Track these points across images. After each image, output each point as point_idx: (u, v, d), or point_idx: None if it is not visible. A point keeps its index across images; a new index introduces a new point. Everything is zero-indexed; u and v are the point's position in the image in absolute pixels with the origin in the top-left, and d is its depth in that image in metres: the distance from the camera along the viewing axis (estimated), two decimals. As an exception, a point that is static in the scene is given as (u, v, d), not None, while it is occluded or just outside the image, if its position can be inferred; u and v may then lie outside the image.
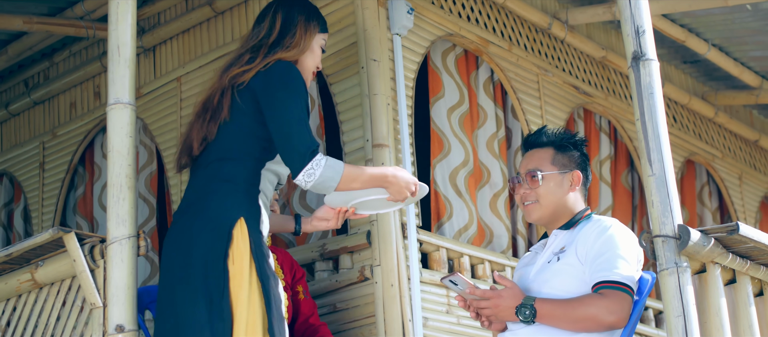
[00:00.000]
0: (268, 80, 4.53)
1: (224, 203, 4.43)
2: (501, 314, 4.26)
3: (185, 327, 4.31)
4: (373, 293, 5.39)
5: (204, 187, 4.53)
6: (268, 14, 4.78)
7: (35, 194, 7.33)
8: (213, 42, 6.44)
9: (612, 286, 4.14)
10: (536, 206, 4.47)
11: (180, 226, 4.50)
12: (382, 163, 5.44)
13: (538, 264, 4.42)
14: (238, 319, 4.30)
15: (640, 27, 4.28)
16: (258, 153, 4.53)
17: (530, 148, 4.60)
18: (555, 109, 6.81)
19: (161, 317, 4.44)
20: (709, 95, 8.44)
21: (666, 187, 4.06)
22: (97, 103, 7.04)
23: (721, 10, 7.17)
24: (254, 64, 4.59)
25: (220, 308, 4.30)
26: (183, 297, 4.35)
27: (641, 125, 4.16)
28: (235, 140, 4.54)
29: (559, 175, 4.47)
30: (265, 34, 4.71)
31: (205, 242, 4.35)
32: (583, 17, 6.98)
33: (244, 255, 4.35)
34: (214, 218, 4.40)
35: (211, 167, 4.54)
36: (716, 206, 8.56)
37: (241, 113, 4.55)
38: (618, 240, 4.21)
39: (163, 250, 4.54)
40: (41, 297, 4.62)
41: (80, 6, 6.56)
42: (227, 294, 4.31)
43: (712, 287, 4.14)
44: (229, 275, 4.33)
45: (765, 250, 4.26)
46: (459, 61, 6.32)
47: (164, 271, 4.49)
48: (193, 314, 4.30)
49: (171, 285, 4.42)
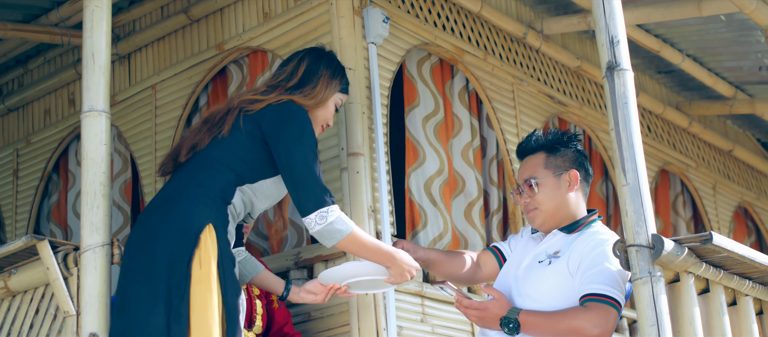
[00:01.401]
0: (279, 117, 4.64)
1: (194, 207, 4.44)
2: (486, 324, 4.28)
3: (140, 326, 4.29)
4: (347, 302, 5.39)
5: (175, 189, 4.55)
6: (293, 59, 4.93)
7: (9, 201, 7.29)
8: (188, 50, 6.42)
9: (599, 299, 4.15)
10: (537, 212, 4.49)
11: (145, 225, 4.51)
12: (356, 173, 5.44)
13: (528, 259, 4.41)
14: (194, 324, 4.30)
15: (614, 37, 4.29)
16: (239, 171, 4.61)
17: (524, 155, 4.61)
18: (530, 118, 6.83)
19: (114, 317, 4.41)
20: (684, 105, 8.48)
21: (640, 196, 4.07)
22: (71, 111, 7.02)
23: (696, 20, 7.20)
24: (268, 97, 4.72)
25: (178, 310, 4.30)
26: (140, 296, 4.33)
27: (615, 135, 4.18)
28: (221, 153, 4.61)
29: (554, 178, 4.48)
30: (284, 78, 4.87)
31: (171, 242, 4.36)
32: (558, 27, 7.00)
33: (210, 260, 4.37)
34: (182, 220, 4.41)
35: (188, 173, 4.57)
36: (690, 216, 8.59)
37: (239, 134, 4.64)
38: (609, 253, 4.22)
39: (125, 247, 4.53)
40: (14, 305, 4.60)
41: (55, 13, 6.54)
42: (187, 297, 4.32)
43: (685, 296, 4.16)
44: (192, 278, 4.34)
45: (738, 259, 4.27)
46: (434, 70, 6.32)
47: (124, 269, 4.47)
48: (150, 315, 4.29)
49: (128, 283, 4.41)
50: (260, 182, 4.66)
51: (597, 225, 4.44)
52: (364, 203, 5.41)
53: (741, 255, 4.24)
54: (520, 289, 4.35)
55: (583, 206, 4.53)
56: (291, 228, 5.89)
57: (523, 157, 4.62)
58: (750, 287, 4.48)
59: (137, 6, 6.68)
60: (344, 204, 5.43)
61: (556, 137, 4.58)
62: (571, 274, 4.26)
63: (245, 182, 4.61)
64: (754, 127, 9.41)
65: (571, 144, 4.58)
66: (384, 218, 5.49)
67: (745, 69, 8.08)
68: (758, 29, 7.22)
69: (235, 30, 6.18)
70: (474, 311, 4.27)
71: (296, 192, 4.57)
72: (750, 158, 9.28)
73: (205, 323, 4.30)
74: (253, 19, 6.11)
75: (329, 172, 5.54)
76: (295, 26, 5.85)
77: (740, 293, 4.49)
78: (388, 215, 5.55)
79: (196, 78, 6.27)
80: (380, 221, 5.48)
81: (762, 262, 4.37)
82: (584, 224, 4.45)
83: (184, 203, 4.46)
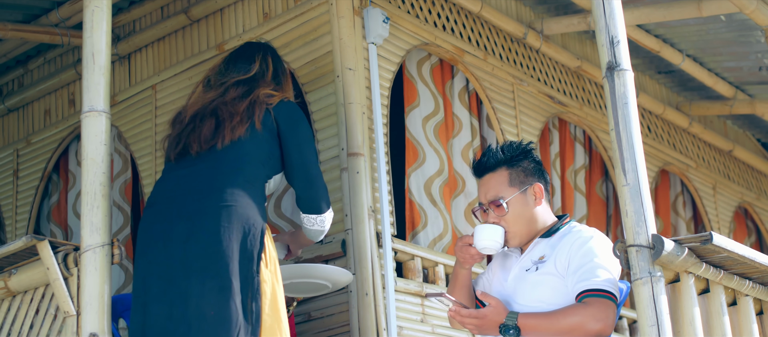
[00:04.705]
0: (291, 115, 4.86)
1: (253, 206, 4.57)
2: (485, 331, 4.26)
3: (209, 320, 4.32)
4: (347, 302, 5.39)
5: (219, 182, 4.58)
6: (255, 54, 5.06)
7: (9, 201, 7.29)
8: (188, 50, 6.42)
9: (595, 294, 4.14)
10: (510, 235, 4.43)
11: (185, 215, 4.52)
12: (356, 173, 5.45)
13: (515, 270, 4.40)
14: (266, 323, 4.44)
15: (614, 37, 4.29)
16: (267, 167, 4.77)
17: (483, 173, 4.49)
18: (530, 118, 6.83)
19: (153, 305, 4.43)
20: (684, 105, 8.48)
21: (640, 197, 4.07)
22: (71, 111, 7.01)
23: (696, 20, 7.20)
24: (278, 93, 4.92)
25: (251, 309, 4.42)
26: (208, 289, 4.37)
27: (616, 135, 4.17)
28: (254, 148, 4.74)
29: (520, 195, 4.41)
30: (257, 73, 4.92)
31: (239, 240, 4.46)
32: (558, 27, 7.00)
33: (274, 261, 4.58)
34: (247, 218, 4.52)
35: (229, 165, 4.64)
36: (690, 216, 8.59)
37: (264, 128, 4.78)
38: (597, 250, 4.21)
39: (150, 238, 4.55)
40: (14, 305, 4.60)
41: (55, 13, 6.54)
42: (259, 296, 4.43)
43: (685, 296, 4.15)
44: (262, 278, 4.46)
45: (738, 260, 4.27)
46: (434, 71, 6.32)
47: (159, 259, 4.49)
48: (223, 309, 4.34)
49: (175, 274, 4.43)
50: (274, 177, 4.83)
51: (576, 225, 4.41)
52: (364, 203, 5.41)
53: (741, 255, 4.24)
54: (513, 300, 4.33)
55: (550, 212, 4.49)
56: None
57: (481, 174, 4.49)
58: (750, 288, 4.48)
59: (137, 6, 6.68)
60: (344, 204, 5.44)
61: (515, 150, 4.49)
62: (560, 275, 4.24)
63: (269, 178, 4.79)
64: (754, 128, 9.41)
65: (529, 155, 4.51)
66: (384, 219, 5.49)
67: (745, 69, 8.08)
68: (758, 29, 7.22)
69: (235, 30, 6.18)
70: (472, 320, 4.24)
71: (309, 190, 4.83)
72: (750, 158, 9.27)
73: (276, 322, 4.47)
74: (253, 19, 6.11)
75: (329, 172, 5.54)
76: (295, 26, 5.85)
77: (740, 293, 4.48)
78: (388, 216, 5.55)
79: (196, 78, 6.27)
80: (380, 221, 5.48)
81: (762, 262, 4.36)
82: (563, 225, 4.42)
83: (241, 198, 4.53)
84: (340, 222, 5.46)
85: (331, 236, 5.52)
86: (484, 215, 4.48)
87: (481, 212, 4.50)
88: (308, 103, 5.76)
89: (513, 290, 4.35)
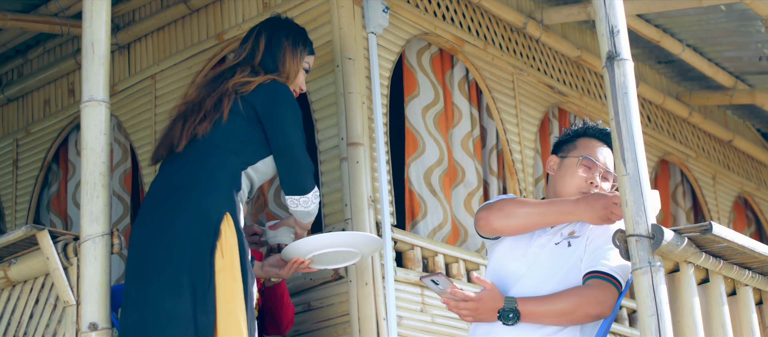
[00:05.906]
0: (271, 98, 4.76)
1: (209, 197, 4.48)
2: (481, 317, 4.22)
3: (164, 319, 4.31)
4: (347, 292, 5.39)
5: (183, 178, 4.56)
6: (250, 36, 4.99)
7: (8, 191, 7.29)
8: (188, 40, 6.42)
9: (603, 277, 4.16)
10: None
11: (154, 215, 4.52)
12: (356, 163, 5.45)
13: (543, 240, 4.36)
14: (221, 312, 4.33)
15: (614, 27, 4.28)
16: (242, 155, 4.68)
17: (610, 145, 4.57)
18: (530, 108, 6.82)
19: (129, 309, 4.43)
20: (684, 95, 8.47)
21: (640, 186, 4.06)
22: (71, 101, 7.01)
23: (696, 10, 7.19)
24: (257, 78, 4.81)
25: (204, 300, 4.34)
26: (162, 289, 4.35)
27: (615, 125, 4.17)
28: (223, 139, 4.67)
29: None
30: (247, 55, 4.90)
31: (191, 234, 4.39)
32: (558, 17, 7.00)
33: (232, 249, 4.43)
34: (200, 211, 4.44)
35: (193, 161, 4.59)
36: (690, 206, 8.59)
37: (237, 118, 4.71)
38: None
39: (132, 240, 4.55)
40: (14, 295, 4.60)
41: (54, 3, 6.53)
42: (213, 287, 4.35)
43: (685, 286, 4.15)
44: (216, 268, 4.36)
45: (738, 249, 4.27)
46: (434, 60, 6.32)
47: (136, 261, 4.49)
48: (175, 306, 4.31)
49: (143, 277, 4.42)
50: (260, 162, 4.75)
51: None
52: (363, 193, 5.41)
53: (741, 245, 4.24)
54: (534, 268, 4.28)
55: None
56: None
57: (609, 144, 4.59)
58: (750, 277, 4.48)
59: (137, -4, 6.68)
60: (344, 194, 5.44)
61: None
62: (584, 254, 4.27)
63: (249, 165, 4.70)
64: (754, 118, 9.41)
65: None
66: (384, 208, 5.49)
67: (745, 59, 8.07)
68: (758, 19, 7.21)
69: (234, 20, 6.18)
70: (469, 304, 4.20)
71: (292, 172, 4.75)
72: (750, 149, 9.27)
73: (232, 311, 4.35)
74: (253, 8, 6.11)
75: (329, 162, 5.54)
76: (294, 16, 5.84)
77: (740, 283, 4.48)
78: (388, 205, 5.55)
79: (195, 68, 6.27)
80: (380, 211, 5.48)
81: (762, 252, 4.36)
82: None
83: (198, 193, 4.49)
84: (339, 212, 5.46)
85: (331, 225, 5.52)
86: (605, 181, 4.50)
87: (603, 180, 4.50)
88: (308, 93, 5.76)
89: (535, 257, 4.31)
